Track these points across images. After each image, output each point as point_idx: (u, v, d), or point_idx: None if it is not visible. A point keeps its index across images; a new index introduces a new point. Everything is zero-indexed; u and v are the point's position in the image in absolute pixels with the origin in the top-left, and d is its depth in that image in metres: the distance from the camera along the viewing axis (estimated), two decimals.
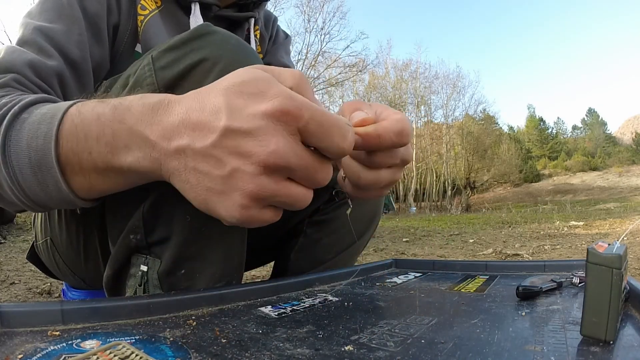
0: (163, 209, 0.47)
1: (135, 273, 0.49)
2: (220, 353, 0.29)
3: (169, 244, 0.47)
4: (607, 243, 0.31)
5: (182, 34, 0.48)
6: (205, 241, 0.48)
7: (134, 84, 0.48)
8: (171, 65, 0.46)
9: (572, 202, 11.33)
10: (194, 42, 0.47)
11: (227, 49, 0.47)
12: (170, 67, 0.46)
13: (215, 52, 0.46)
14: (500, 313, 0.40)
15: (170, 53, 0.47)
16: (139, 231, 0.47)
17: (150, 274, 0.48)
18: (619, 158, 32.22)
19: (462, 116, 22.71)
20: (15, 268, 1.91)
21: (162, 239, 0.47)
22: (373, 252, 2.63)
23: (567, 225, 4.17)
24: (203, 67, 0.45)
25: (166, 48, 0.47)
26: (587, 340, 0.30)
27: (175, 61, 0.47)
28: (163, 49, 0.48)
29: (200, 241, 0.47)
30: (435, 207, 18.59)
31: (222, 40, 0.47)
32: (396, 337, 0.33)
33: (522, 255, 2.21)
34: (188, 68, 0.45)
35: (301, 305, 0.45)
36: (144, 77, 0.47)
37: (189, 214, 0.46)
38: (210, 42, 0.47)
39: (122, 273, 0.50)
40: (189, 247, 0.47)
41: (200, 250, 0.48)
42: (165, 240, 0.47)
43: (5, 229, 3.41)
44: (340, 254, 0.76)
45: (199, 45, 0.46)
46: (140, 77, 0.48)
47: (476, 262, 0.74)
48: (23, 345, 0.28)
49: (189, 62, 0.45)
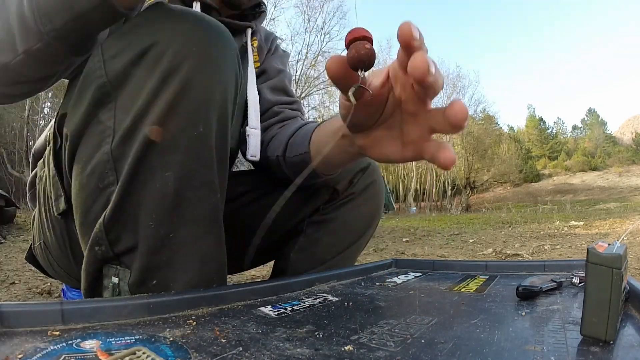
0: (124, 218, 0.44)
1: (107, 285, 0.46)
2: (220, 353, 0.29)
3: (136, 254, 0.44)
4: (607, 243, 0.31)
5: (135, 17, 0.45)
6: (175, 248, 0.45)
7: (84, 79, 0.46)
8: (121, 53, 0.43)
9: (572, 202, 11.33)
10: (146, 25, 0.44)
11: (180, 30, 0.43)
12: (120, 56, 0.43)
13: (168, 34, 0.43)
14: (500, 313, 0.40)
15: (121, 40, 0.44)
16: (103, 242, 0.45)
17: (121, 286, 0.45)
18: (619, 158, 32.21)
19: None
20: (15, 268, 1.91)
21: (128, 249, 0.45)
22: (373, 252, 2.63)
23: (567, 225, 4.17)
24: (154, 53, 0.43)
25: (117, 35, 0.45)
26: (587, 340, 0.30)
27: (125, 48, 0.44)
28: (114, 35, 0.45)
29: (169, 248, 0.45)
30: (435, 207, 18.59)
31: (176, 21, 0.44)
32: (396, 337, 0.33)
33: (522, 255, 2.21)
34: (139, 54, 0.43)
35: (301, 305, 0.45)
36: (93, 70, 0.45)
37: (152, 220, 0.43)
38: (162, 24, 0.44)
39: (96, 285, 0.48)
40: (157, 255, 0.44)
41: (170, 258, 0.45)
42: (132, 250, 0.45)
43: (5, 229, 3.41)
44: (340, 253, 0.76)
45: (150, 29, 0.44)
46: (90, 70, 0.45)
47: (476, 262, 0.74)
48: (23, 345, 0.28)
49: (140, 47, 0.43)
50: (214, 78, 0.45)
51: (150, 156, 0.43)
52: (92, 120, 0.46)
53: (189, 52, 0.43)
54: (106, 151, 0.44)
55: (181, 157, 0.44)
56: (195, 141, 0.45)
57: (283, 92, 0.81)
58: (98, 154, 0.45)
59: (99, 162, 0.45)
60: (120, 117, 0.44)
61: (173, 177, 0.44)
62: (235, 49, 0.49)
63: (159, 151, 0.43)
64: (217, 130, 0.47)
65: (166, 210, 0.44)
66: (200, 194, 0.46)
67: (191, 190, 0.45)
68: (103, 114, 0.45)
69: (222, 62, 0.46)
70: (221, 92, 0.46)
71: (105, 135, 0.45)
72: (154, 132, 0.43)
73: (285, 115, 0.76)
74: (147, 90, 0.43)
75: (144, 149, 0.43)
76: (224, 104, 0.47)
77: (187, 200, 0.45)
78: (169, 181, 0.44)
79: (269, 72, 0.81)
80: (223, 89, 0.46)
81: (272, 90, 0.79)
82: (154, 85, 0.43)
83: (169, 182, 0.44)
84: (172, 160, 0.44)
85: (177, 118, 0.43)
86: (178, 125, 0.44)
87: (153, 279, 0.45)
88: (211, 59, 0.45)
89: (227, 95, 0.47)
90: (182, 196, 0.44)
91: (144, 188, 0.44)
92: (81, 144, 0.47)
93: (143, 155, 0.43)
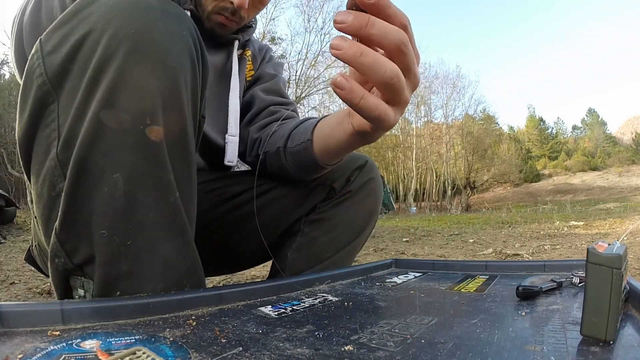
0: (76, 227, 0.41)
1: (75, 297, 0.44)
2: (220, 353, 0.29)
3: (95, 265, 0.41)
4: (607, 243, 0.31)
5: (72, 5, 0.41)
6: (133, 256, 0.41)
7: (26, 78, 0.42)
8: (58, 47, 0.40)
9: (572, 202, 11.33)
10: (83, 11, 0.40)
11: (117, 10, 0.39)
12: (57, 50, 0.40)
13: (103, 17, 0.39)
14: (500, 313, 0.40)
15: (59, 31, 0.40)
16: (60, 254, 0.42)
17: (87, 298, 0.43)
18: (619, 158, 32.20)
19: (462, 116, 22.71)
20: (15, 268, 1.91)
21: (87, 259, 0.42)
22: (373, 252, 2.63)
23: (567, 225, 4.17)
24: (90, 41, 0.39)
25: (55, 25, 0.41)
26: (587, 340, 0.30)
27: (63, 40, 0.40)
28: (52, 26, 0.41)
29: (127, 257, 0.41)
30: (435, 207, 18.58)
31: (114, 1, 0.40)
32: (396, 337, 0.33)
33: (522, 255, 2.21)
34: (75, 47, 0.39)
35: (301, 305, 0.45)
36: (33, 69, 0.41)
37: (105, 228, 0.40)
38: (98, 7, 0.40)
39: (68, 297, 0.45)
40: (116, 265, 0.41)
41: (130, 267, 0.42)
42: (91, 260, 0.42)
43: (5, 229, 3.41)
44: (338, 252, 0.76)
45: (87, 14, 0.40)
46: (30, 68, 0.42)
47: (476, 262, 0.74)
48: (23, 345, 0.28)
49: (76, 37, 0.39)
50: (157, 62, 0.40)
51: (94, 158, 0.40)
52: (39, 124, 0.43)
53: (126, 36, 0.39)
54: (53, 157, 0.42)
55: (128, 157, 0.40)
56: (142, 137, 0.40)
57: (277, 94, 0.82)
58: (47, 160, 0.42)
59: (48, 169, 0.42)
60: (63, 119, 0.41)
61: (122, 179, 0.40)
62: (189, 28, 0.44)
63: (103, 152, 0.40)
64: (170, 120, 0.42)
65: (118, 216, 0.40)
66: (154, 195, 0.42)
67: (143, 192, 0.41)
68: (47, 116, 0.42)
69: (168, 43, 0.41)
70: (169, 77, 0.41)
71: (51, 139, 0.42)
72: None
73: (282, 114, 0.76)
74: (84, 85, 0.39)
75: (86, 150, 0.39)
76: (175, 90, 0.42)
77: (140, 203, 0.41)
78: (117, 184, 0.40)
79: (263, 77, 0.83)
80: (171, 73, 0.41)
81: (267, 92, 0.80)
82: (89, 79, 0.39)
83: (117, 184, 0.40)
84: (118, 161, 0.40)
85: (116, 112, 0.39)
86: (119, 120, 0.39)
87: (116, 290, 0.42)
88: (152, 41, 0.40)
89: (179, 80, 0.42)
90: (134, 199, 0.41)
91: (91, 193, 0.40)
92: (33, 150, 0.44)
93: (86, 158, 0.40)
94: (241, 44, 0.79)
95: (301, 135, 0.63)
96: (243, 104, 0.79)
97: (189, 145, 0.46)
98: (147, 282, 0.42)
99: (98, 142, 0.39)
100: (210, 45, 0.73)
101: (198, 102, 0.47)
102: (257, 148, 0.74)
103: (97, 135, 0.39)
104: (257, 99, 0.78)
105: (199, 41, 0.46)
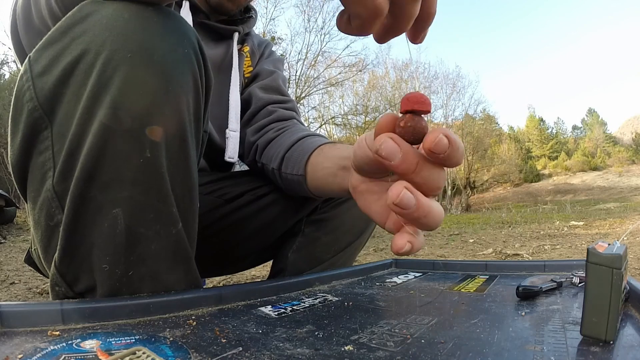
0: (76, 259, 0.40)
1: None
2: (220, 353, 0.29)
3: (97, 294, 0.41)
4: (607, 243, 0.31)
5: (62, 20, 0.38)
6: (135, 287, 0.41)
7: (15, 101, 0.39)
8: (50, 68, 0.37)
9: (572, 202, 11.32)
10: (74, 28, 0.37)
11: (115, 28, 0.36)
12: (49, 72, 0.37)
13: (98, 37, 0.36)
14: (500, 313, 0.40)
15: (49, 49, 0.38)
16: (61, 284, 0.41)
17: None
18: (619, 158, 32.17)
19: (462, 116, 22.71)
20: (15, 268, 1.91)
21: (89, 288, 0.41)
22: (373, 252, 2.63)
23: (567, 225, 4.17)
24: (84, 64, 0.36)
25: (45, 43, 0.38)
26: (587, 340, 0.30)
27: (54, 61, 0.37)
28: (42, 43, 0.38)
29: (129, 288, 0.40)
30: None
31: (109, 19, 0.36)
32: (396, 337, 0.33)
33: (522, 255, 2.21)
34: (68, 69, 0.37)
35: (301, 305, 0.45)
36: (23, 91, 0.39)
37: (106, 262, 0.39)
38: (92, 26, 0.36)
39: None
40: (118, 295, 0.41)
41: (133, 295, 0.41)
42: (92, 290, 0.41)
43: (5, 229, 3.41)
44: (339, 252, 0.76)
45: (79, 32, 0.37)
46: (20, 91, 0.39)
47: (476, 262, 0.74)
48: (23, 345, 0.28)
49: (69, 59, 0.36)
50: (158, 89, 0.38)
51: (92, 192, 0.38)
52: (32, 151, 0.41)
53: (122, 60, 0.36)
54: (49, 187, 0.40)
55: (128, 192, 0.38)
56: (142, 170, 0.38)
57: (276, 92, 0.80)
58: (43, 190, 0.41)
59: (45, 199, 0.41)
60: (57, 148, 0.39)
61: (122, 214, 0.38)
62: (192, 43, 0.41)
63: (101, 187, 0.38)
64: (172, 150, 0.40)
65: (120, 250, 0.39)
66: (156, 228, 0.41)
67: (145, 226, 0.40)
68: (41, 142, 0.40)
69: (169, 65, 0.39)
70: (170, 104, 0.39)
71: (46, 168, 0.40)
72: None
73: (280, 114, 0.75)
74: (78, 114, 0.37)
75: (83, 185, 0.38)
76: (177, 118, 0.40)
77: (142, 236, 0.40)
78: (118, 219, 0.38)
79: (262, 74, 0.81)
80: (173, 100, 0.39)
81: (265, 90, 0.78)
82: (83, 108, 0.37)
83: (118, 219, 0.38)
84: (117, 196, 0.38)
85: (114, 145, 0.37)
86: (117, 153, 0.37)
87: None
88: (152, 64, 0.37)
89: (181, 106, 0.40)
90: (136, 233, 0.39)
91: (91, 227, 0.39)
92: (28, 177, 0.43)
93: (84, 192, 0.38)
94: (240, 37, 0.78)
95: (294, 165, 0.61)
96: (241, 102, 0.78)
97: (191, 170, 0.44)
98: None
99: (96, 177, 0.38)
100: (209, 38, 0.72)
101: (201, 121, 0.45)
102: (254, 153, 0.73)
103: (95, 170, 0.38)
104: (255, 97, 0.77)
105: (202, 54, 0.43)
